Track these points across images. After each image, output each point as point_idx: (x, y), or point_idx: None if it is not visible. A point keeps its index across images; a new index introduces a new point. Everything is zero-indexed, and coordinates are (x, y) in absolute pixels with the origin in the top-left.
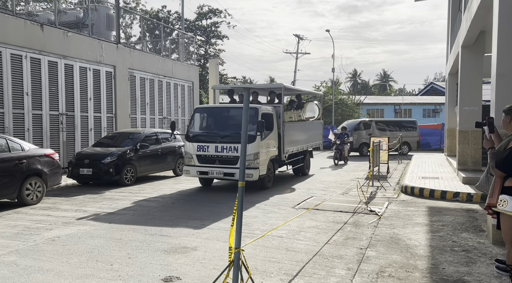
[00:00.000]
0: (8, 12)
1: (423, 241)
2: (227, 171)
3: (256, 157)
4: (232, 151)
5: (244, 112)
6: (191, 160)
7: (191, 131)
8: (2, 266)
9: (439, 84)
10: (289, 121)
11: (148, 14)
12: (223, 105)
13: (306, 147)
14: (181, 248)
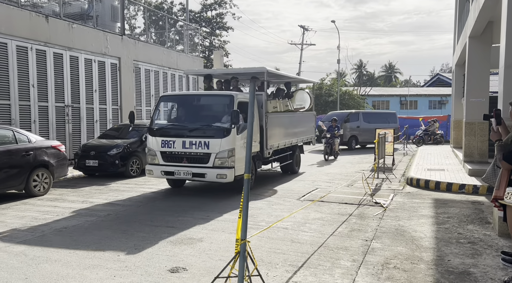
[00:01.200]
0: (13, 3)
1: (428, 233)
2: (196, 171)
3: (230, 153)
4: (203, 147)
5: (250, 106)
6: (154, 158)
7: (155, 123)
8: (10, 256)
9: (445, 75)
10: (274, 112)
11: (152, 5)
12: (192, 93)
13: (295, 141)
14: (187, 239)
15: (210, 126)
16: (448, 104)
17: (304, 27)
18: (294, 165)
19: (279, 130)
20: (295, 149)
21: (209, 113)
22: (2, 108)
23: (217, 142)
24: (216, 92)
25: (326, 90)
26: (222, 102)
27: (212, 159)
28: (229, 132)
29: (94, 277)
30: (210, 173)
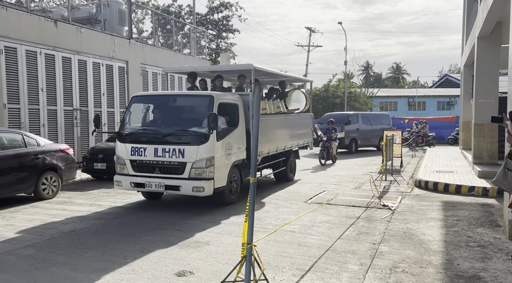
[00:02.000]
0: (22, 9)
1: (437, 236)
2: (169, 183)
3: (209, 163)
4: (177, 155)
5: (256, 108)
6: (123, 167)
7: (125, 127)
8: (19, 259)
9: (454, 76)
10: (264, 114)
11: (160, 9)
12: (168, 93)
13: (289, 146)
14: (194, 243)
15: (186, 132)
16: (457, 105)
17: (310, 29)
18: (288, 171)
19: (270, 135)
20: (289, 154)
21: (186, 116)
22: (12, 112)
23: (193, 149)
24: (194, 93)
25: (332, 91)
26: (200, 103)
27: (188, 169)
28: (207, 138)
29: (101, 281)
30: (185, 185)
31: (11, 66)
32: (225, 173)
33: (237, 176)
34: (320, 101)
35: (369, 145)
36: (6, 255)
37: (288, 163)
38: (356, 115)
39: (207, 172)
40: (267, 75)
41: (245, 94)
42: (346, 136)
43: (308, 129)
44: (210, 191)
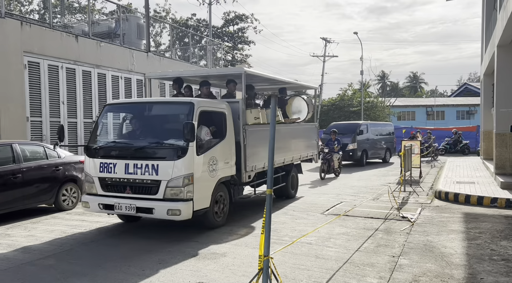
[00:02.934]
0: (46, 25)
1: (459, 249)
2: (141, 204)
3: (187, 181)
4: (150, 172)
5: (272, 120)
6: (92, 186)
7: (95, 140)
8: (40, 270)
9: (473, 85)
10: (256, 125)
11: (177, 23)
12: (143, 100)
13: (289, 159)
14: (211, 254)
15: (161, 145)
16: (477, 114)
17: (326, 39)
18: (289, 188)
19: (264, 147)
20: (290, 168)
21: (163, 126)
22: (34, 125)
23: (168, 165)
24: (171, 99)
25: (348, 101)
26: (179, 112)
27: (163, 188)
28: (185, 152)
29: None
30: (159, 208)
31: (34, 80)
32: (208, 193)
33: (225, 195)
34: (336, 110)
35: (377, 156)
36: (27, 265)
37: (288, 178)
38: (365, 125)
39: (185, 191)
40: (265, 82)
41: (234, 101)
42: (359, 147)
43: (312, 140)
44: (188, 214)
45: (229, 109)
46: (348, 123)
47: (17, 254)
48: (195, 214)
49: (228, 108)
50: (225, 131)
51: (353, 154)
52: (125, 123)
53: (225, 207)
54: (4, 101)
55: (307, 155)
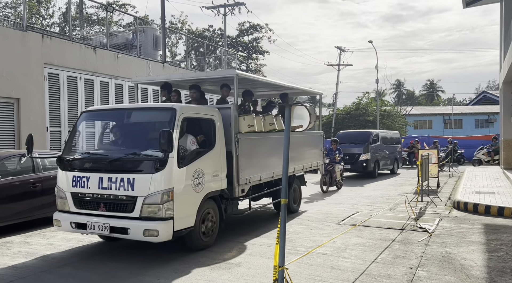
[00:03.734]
0: (65, 37)
1: (479, 261)
2: (116, 224)
3: (166, 197)
4: (125, 187)
5: (286, 129)
6: (64, 202)
7: (69, 151)
8: (58, 278)
9: (492, 93)
10: (250, 133)
11: (193, 34)
12: (120, 107)
13: (291, 170)
14: (225, 264)
15: (138, 156)
16: (496, 123)
17: (340, 48)
18: (291, 201)
19: (261, 158)
20: (292, 180)
21: (141, 135)
22: (53, 134)
23: (145, 179)
24: (152, 105)
25: (363, 109)
26: (159, 119)
27: (139, 206)
28: (164, 164)
29: None
30: (135, 228)
31: (54, 91)
32: (192, 210)
33: (214, 212)
34: (351, 119)
35: (386, 168)
36: (46, 273)
37: (290, 191)
38: (377, 134)
39: (164, 209)
40: (265, 87)
41: (225, 107)
42: (372, 158)
43: (317, 150)
44: (167, 235)
45: (219, 116)
46: (360, 132)
47: (36, 262)
48: (177, 234)
49: (218, 115)
50: (214, 140)
51: (366, 165)
52: (103, 132)
53: (214, 225)
54: (25, 112)
55: (311, 166)
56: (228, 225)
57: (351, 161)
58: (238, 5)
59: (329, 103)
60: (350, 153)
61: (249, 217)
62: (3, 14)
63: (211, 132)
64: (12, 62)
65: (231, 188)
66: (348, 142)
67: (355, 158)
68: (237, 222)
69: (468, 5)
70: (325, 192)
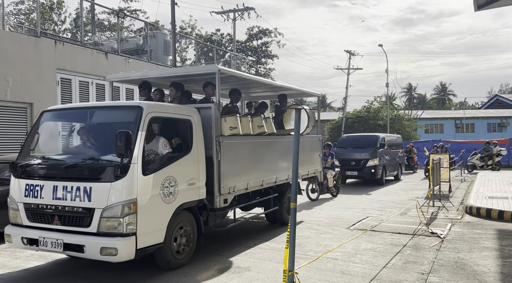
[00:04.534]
0: (77, 43)
1: (492, 267)
2: (70, 240)
3: (128, 209)
4: (82, 198)
5: (296, 135)
6: (16, 214)
7: (25, 156)
8: None
9: (505, 96)
10: (234, 136)
11: (203, 38)
12: (83, 106)
13: (284, 178)
14: (235, 268)
15: (96, 161)
16: (510, 127)
17: (350, 52)
18: (284, 212)
19: (247, 164)
20: (285, 188)
21: (103, 138)
22: None
23: (104, 188)
24: (116, 104)
25: (373, 113)
26: (123, 119)
27: (96, 219)
28: (125, 171)
29: None
30: (91, 245)
31: (66, 95)
32: (161, 224)
33: (190, 226)
34: (361, 123)
35: (391, 174)
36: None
37: (282, 200)
38: (383, 138)
39: (124, 223)
40: (261, 87)
41: (204, 107)
42: (381, 164)
43: (315, 155)
44: (128, 253)
45: (197, 116)
46: (366, 136)
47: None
48: (141, 253)
49: (196, 116)
50: (191, 143)
51: (375, 171)
52: (63, 134)
53: (190, 241)
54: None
55: (308, 173)
56: (235, 230)
57: (358, 166)
58: (248, 10)
59: (339, 107)
60: (357, 159)
61: (258, 221)
62: (17, 20)
63: (187, 134)
64: (25, 67)
65: (211, 198)
66: (354, 147)
67: (362, 164)
68: (245, 227)
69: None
70: (314, 200)
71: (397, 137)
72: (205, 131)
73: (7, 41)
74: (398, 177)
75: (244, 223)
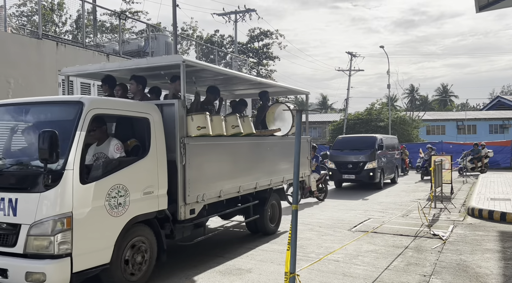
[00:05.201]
0: (79, 45)
1: (495, 269)
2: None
3: (60, 226)
4: (6, 211)
5: (297, 137)
6: None
7: None
8: None
9: (507, 98)
10: (202, 137)
11: (203, 40)
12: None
13: (265, 184)
14: (236, 270)
15: (26, 167)
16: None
17: (351, 54)
18: (266, 221)
19: (220, 169)
20: (268, 195)
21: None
22: None
23: (32, 200)
24: (53, 98)
25: (375, 115)
26: (60, 116)
27: (23, 237)
28: (57, 179)
29: None
30: (15, 269)
31: None
32: (107, 241)
33: (147, 241)
34: (362, 125)
35: (388, 177)
36: None
37: (264, 208)
38: (381, 139)
39: (56, 242)
40: (244, 83)
41: (167, 103)
42: (379, 166)
43: (303, 158)
44: (62, 279)
45: (157, 114)
46: (364, 137)
47: None
48: (80, 277)
49: (156, 113)
50: (149, 146)
51: (373, 174)
52: None
53: (147, 261)
54: None
55: None
56: (235, 231)
57: (355, 170)
58: (249, 12)
59: (340, 108)
60: (354, 161)
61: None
62: (19, 22)
63: (144, 135)
64: (27, 69)
65: (175, 208)
66: (351, 149)
67: (360, 167)
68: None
69: (481, 10)
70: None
71: (392, 138)
72: (167, 132)
73: (9, 43)
74: (395, 180)
75: None
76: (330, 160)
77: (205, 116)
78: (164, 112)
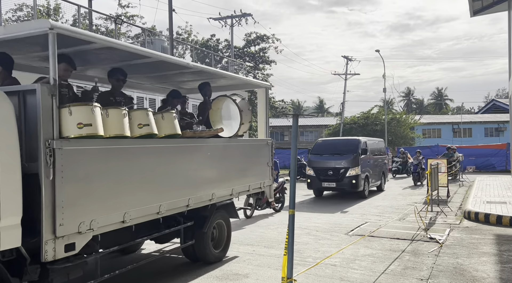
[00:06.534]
0: None
1: (491, 272)
2: None
3: None
4: None
5: (293, 142)
6: None
7: None
8: None
9: (502, 101)
10: (89, 138)
11: (198, 44)
12: None
13: (207, 198)
14: (233, 275)
15: None
16: (507, 131)
17: (347, 58)
18: (208, 246)
19: (119, 182)
20: (209, 213)
21: None
22: None
23: None
24: None
25: (373, 119)
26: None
27: None
28: None
29: None
30: None
31: None
32: None
33: None
34: (358, 128)
35: (374, 184)
36: None
37: (203, 230)
38: (365, 143)
39: None
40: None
41: (24, 89)
42: (364, 172)
43: (260, 165)
44: None
45: (7, 105)
46: (346, 140)
47: None
48: None
49: (6, 104)
50: None
51: (356, 182)
52: None
53: None
54: None
55: (249, 188)
56: (235, 236)
57: (336, 177)
58: (245, 16)
59: (337, 112)
60: (334, 167)
61: (260, 226)
62: None
63: None
64: (23, 73)
65: (37, 244)
66: (331, 153)
67: (341, 174)
68: (245, 233)
69: (476, 14)
70: (249, 217)
71: (379, 141)
72: (27, 131)
73: None
74: (381, 187)
75: (244, 225)
76: (309, 166)
77: (91, 109)
78: (28, 103)
